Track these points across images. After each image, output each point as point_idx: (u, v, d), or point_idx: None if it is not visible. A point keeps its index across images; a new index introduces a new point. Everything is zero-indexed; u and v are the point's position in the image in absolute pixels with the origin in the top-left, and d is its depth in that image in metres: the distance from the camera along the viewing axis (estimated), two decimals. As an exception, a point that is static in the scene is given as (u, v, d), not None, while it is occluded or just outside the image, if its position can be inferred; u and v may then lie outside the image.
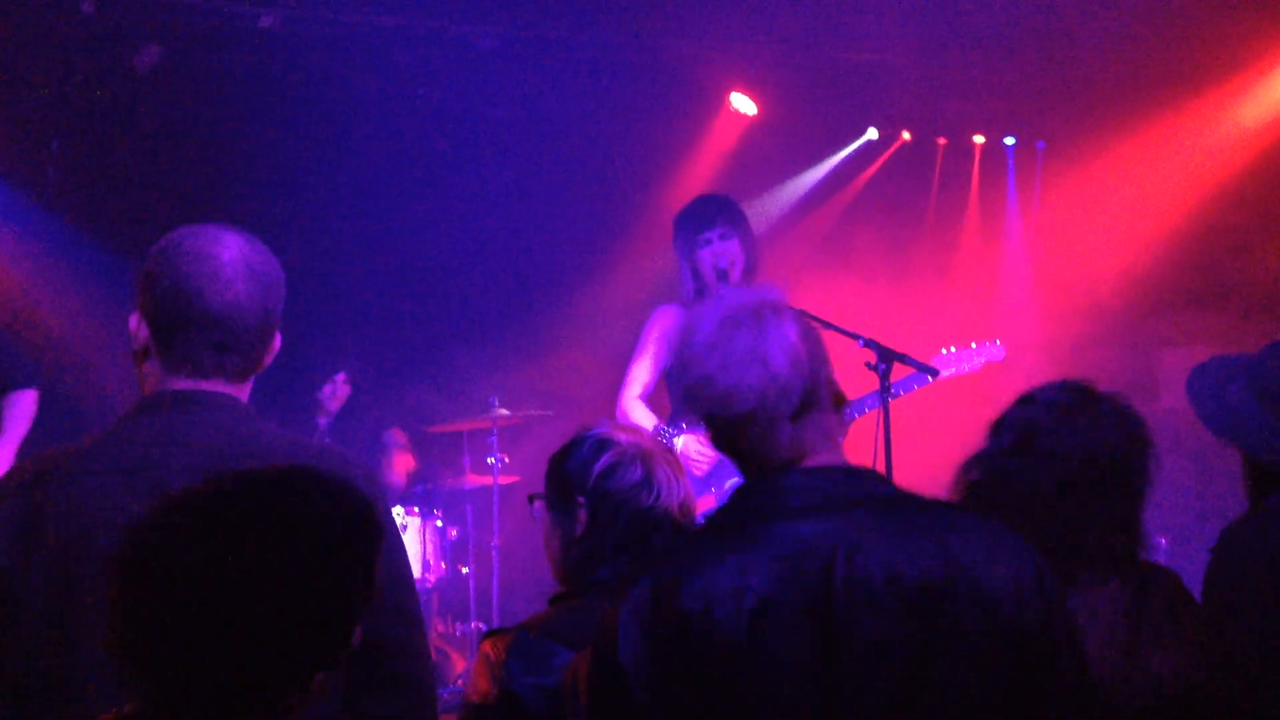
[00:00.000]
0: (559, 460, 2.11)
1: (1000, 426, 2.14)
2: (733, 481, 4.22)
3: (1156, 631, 1.99)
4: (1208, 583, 2.21)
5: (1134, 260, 5.93)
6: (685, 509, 2.05)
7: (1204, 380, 2.53)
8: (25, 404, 4.44)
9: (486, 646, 1.95)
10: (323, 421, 5.54)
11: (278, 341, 1.93)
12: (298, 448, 1.87)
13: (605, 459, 2.04)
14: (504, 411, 5.26)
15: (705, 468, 4.22)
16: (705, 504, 4.00)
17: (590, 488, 2.03)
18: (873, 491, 1.54)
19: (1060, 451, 2.06)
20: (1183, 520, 5.34)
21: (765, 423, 1.54)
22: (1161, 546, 5.14)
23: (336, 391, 5.55)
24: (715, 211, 4.39)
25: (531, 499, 2.16)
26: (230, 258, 1.84)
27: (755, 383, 1.54)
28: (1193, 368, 2.67)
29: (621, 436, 2.08)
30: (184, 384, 1.84)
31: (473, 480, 5.51)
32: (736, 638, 1.42)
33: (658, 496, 2.01)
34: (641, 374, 4.42)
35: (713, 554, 1.48)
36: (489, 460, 5.35)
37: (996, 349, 4.64)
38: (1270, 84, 5.57)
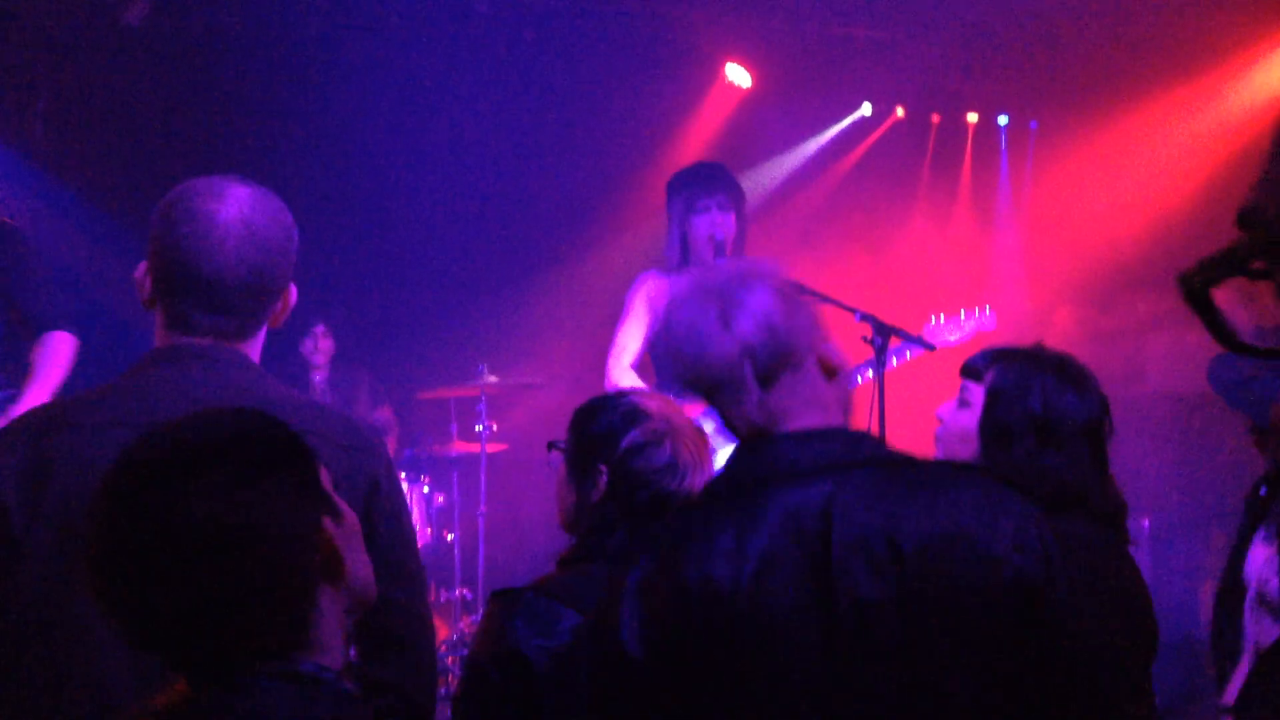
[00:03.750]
0: (584, 420, 2.08)
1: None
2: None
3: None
4: None
5: (1123, 243, 5.95)
6: None
7: (1228, 372, 2.67)
8: (59, 347, 3.79)
9: (494, 606, 1.94)
10: (317, 377, 5.52)
11: (292, 296, 1.91)
12: (301, 405, 1.86)
13: (634, 434, 2.00)
14: (493, 379, 5.23)
15: None
16: None
17: (615, 460, 2.00)
18: (869, 454, 1.54)
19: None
20: (1165, 502, 5.39)
21: (732, 389, 1.55)
22: (1144, 528, 5.19)
23: (318, 345, 5.52)
24: (720, 181, 4.33)
25: (551, 446, 2.13)
26: (225, 217, 1.80)
27: (717, 349, 1.55)
28: (1211, 360, 2.77)
29: (652, 407, 2.04)
30: (186, 339, 1.83)
31: (460, 447, 5.49)
32: (737, 603, 1.42)
33: (681, 480, 1.99)
34: (630, 342, 4.37)
35: (711, 522, 1.49)
36: (477, 428, 5.33)
37: (988, 318, 4.56)
38: (1263, 68, 5.59)
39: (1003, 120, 6.45)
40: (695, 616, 1.43)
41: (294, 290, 1.92)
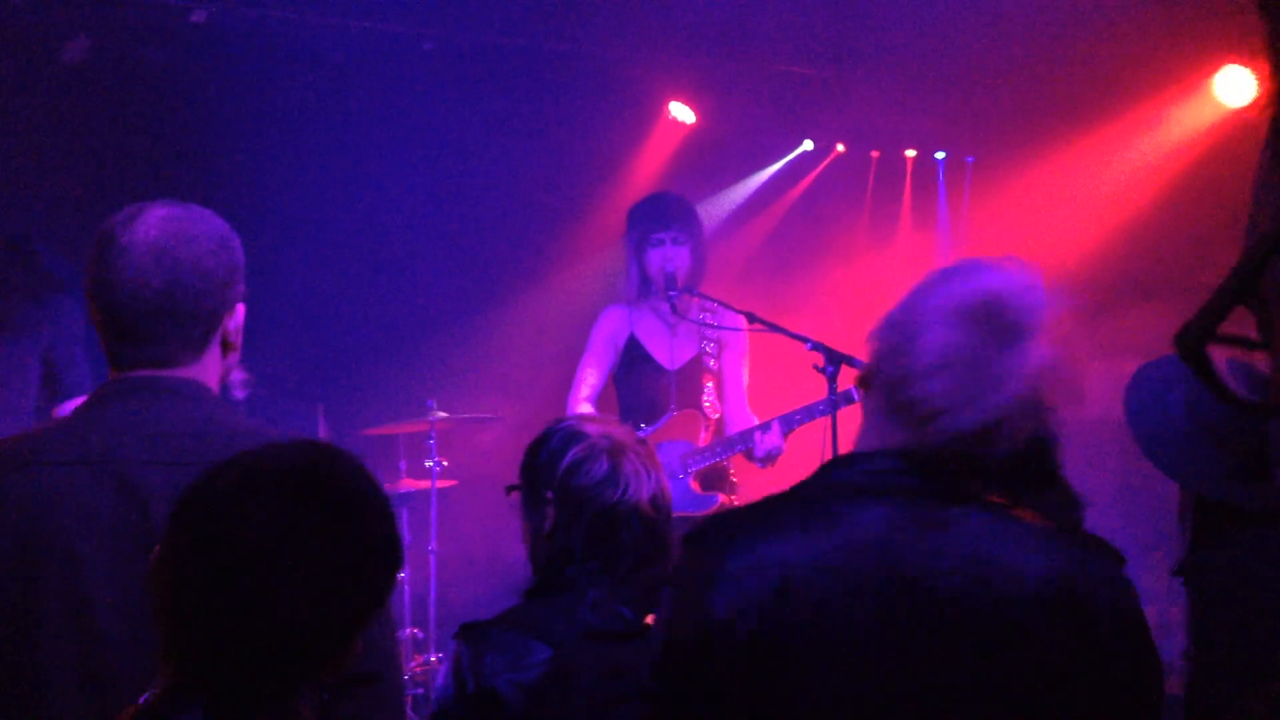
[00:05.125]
0: (531, 454, 2.09)
1: None
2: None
3: None
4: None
5: (1059, 273, 6.07)
6: (657, 502, 2.04)
7: (1142, 392, 2.47)
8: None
9: (462, 640, 1.93)
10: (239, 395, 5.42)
11: (238, 315, 1.85)
12: (263, 436, 1.83)
13: (572, 453, 2.02)
14: (442, 414, 5.21)
15: None
16: None
17: (557, 483, 2.01)
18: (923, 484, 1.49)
19: None
20: (1108, 527, 5.48)
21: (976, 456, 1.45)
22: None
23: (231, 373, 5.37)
24: (672, 214, 4.40)
25: (509, 490, 2.13)
26: (129, 241, 1.75)
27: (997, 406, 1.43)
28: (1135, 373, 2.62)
29: (591, 429, 2.06)
30: (128, 373, 1.79)
31: (408, 484, 5.44)
32: (815, 612, 1.36)
33: (624, 491, 1.99)
34: (590, 376, 4.42)
35: (798, 526, 1.42)
36: (427, 464, 5.29)
37: None
38: (1191, 104, 5.77)
39: (940, 156, 6.59)
40: (780, 618, 1.36)
41: (240, 310, 1.86)
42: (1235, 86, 5.53)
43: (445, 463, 5.34)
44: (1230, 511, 2.15)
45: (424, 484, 5.34)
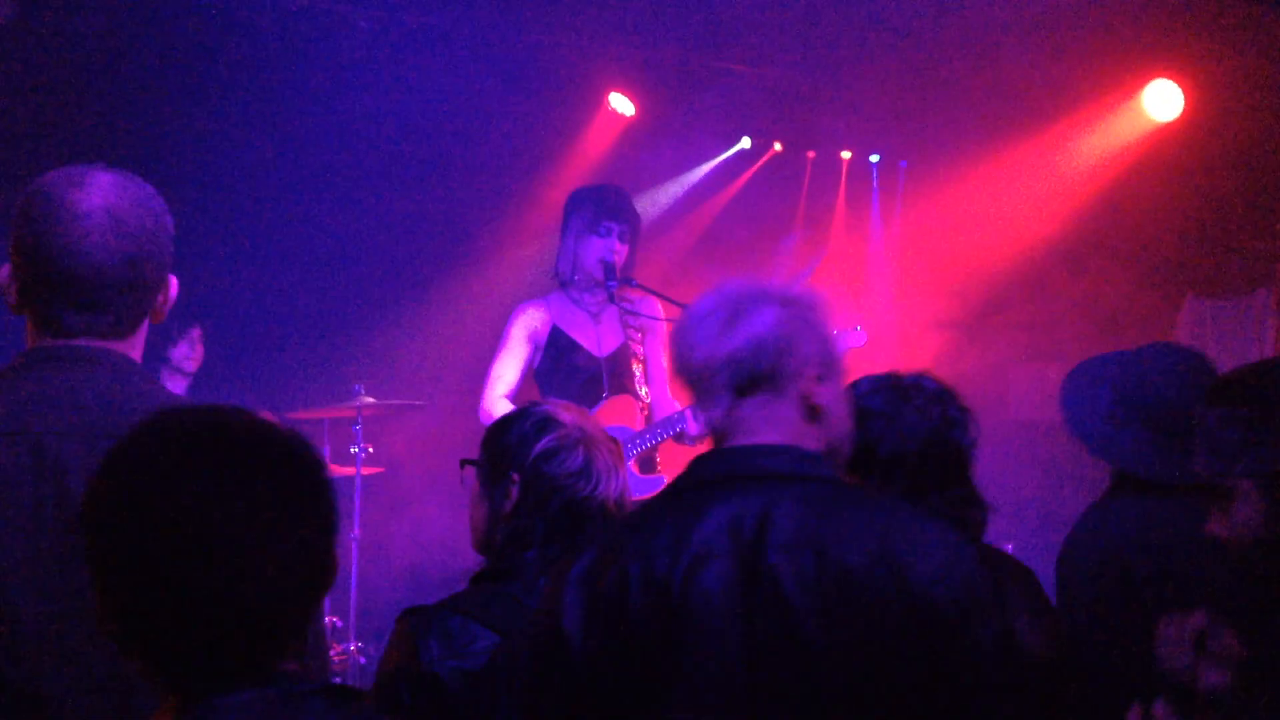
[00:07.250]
0: (497, 431, 2.06)
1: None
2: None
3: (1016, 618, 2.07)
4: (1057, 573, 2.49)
5: (987, 278, 6.19)
6: (621, 502, 2.03)
7: (1076, 390, 2.67)
8: None
9: (405, 625, 1.89)
10: (177, 386, 5.26)
11: (173, 288, 1.82)
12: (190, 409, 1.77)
13: (546, 440, 1.99)
14: (369, 400, 5.13)
15: None
16: None
17: (527, 466, 1.98)
18: (814, 473, 1.59)
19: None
20: (1028, 529, 5.58)
21: (707, 393, 1.64)
22: (1008, 552, 5.36)
23: (193, 351, 5.22)
24: (627, 210, 4.38)
25: (463, 464, 2.10)
26: (87, 206, 1.70)
27: (704, 352, 1.64)
28: (1065, 377, 2.81)
29: (565, 417, 2.03)
30: (60, 342, 1.73)
31: (332, 470, 5.34)
32: (669, 597, 1.50)
33: (595, 486, 1.98)
34: (507, 372, 4.33)
35: (654, 520, 1.59)
36: (352, 450, 5.20)
37: (858, 335, 4.55)
38: (1121, 114, 5.89)
39: (874, 158, 6.66)
40: (632, 606, 1.52)
41: (174, 282, 1.83)
42: (1163, 101, 5.66)
43: (370, 449, 5.25)
44: (1146, 485, 2.41)
45: (349, 470, 5.24)
